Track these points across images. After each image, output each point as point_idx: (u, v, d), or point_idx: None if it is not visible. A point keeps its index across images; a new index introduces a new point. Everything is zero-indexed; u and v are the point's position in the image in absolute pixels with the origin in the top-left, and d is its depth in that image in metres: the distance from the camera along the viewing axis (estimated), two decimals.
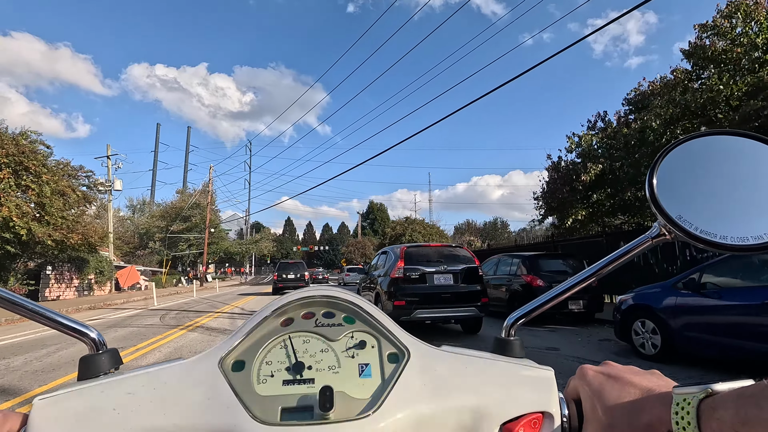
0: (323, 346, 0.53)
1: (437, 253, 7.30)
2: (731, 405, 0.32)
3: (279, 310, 0.55)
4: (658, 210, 0.48)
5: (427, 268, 6.96)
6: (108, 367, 0.52)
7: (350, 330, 0.55)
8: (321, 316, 0.56)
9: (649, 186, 0.50)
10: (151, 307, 14.41)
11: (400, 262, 6.98)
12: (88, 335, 0.55)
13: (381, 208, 77.36)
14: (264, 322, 0.54)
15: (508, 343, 0.58)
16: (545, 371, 0.53)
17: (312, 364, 0.52)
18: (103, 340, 0.55)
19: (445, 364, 0.53)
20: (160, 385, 0.47)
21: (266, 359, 0.52)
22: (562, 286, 0.59)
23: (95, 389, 0.46)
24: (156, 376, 0.48)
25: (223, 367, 0.50)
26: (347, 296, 0.57)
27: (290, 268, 21.41)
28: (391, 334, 0.55)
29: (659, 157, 0.52)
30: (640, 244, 0.53)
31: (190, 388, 0.47)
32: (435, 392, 0.50)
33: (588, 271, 0.57)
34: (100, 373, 0.51)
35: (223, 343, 0.53)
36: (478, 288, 6.97)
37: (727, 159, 0.50)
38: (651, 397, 0.40)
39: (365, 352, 0.53)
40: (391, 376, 0.51)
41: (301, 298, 0.56)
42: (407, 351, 0.53)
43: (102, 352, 0.53)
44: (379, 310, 0.58)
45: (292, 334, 0.54)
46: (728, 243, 0.45)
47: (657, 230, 0.51)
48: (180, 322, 9.80)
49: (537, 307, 0.60)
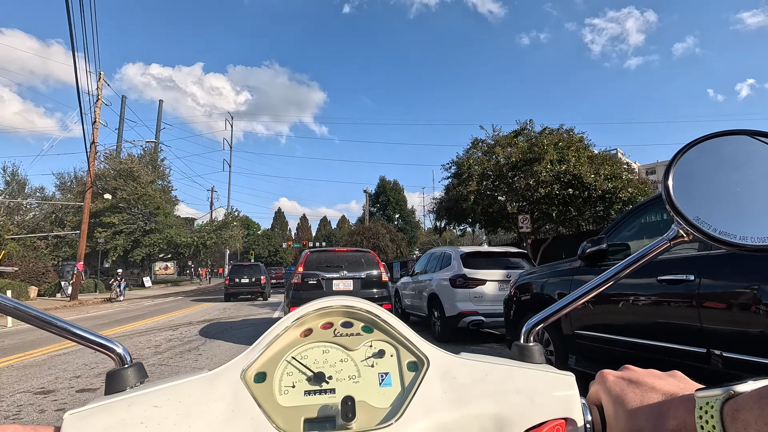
0: (343, 356, 0.54)
1: (339, 258, 7.32)
2: (755, 406, 0.31)
3: (298, 320, 0.56)
4: (675, 212, 0.48)
5: (326, 274, 6.97)
6: (134, 381, 0.52)
7: (369, 339, 0.56)
8: (339, 326, 0.57)
9: (665, 188, 0.50)
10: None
11: (300, 267, 7.07)
12: (113, 350, 0.54)
13: (395, 187, 52.60)
14: (284, 333, 0.55)
15: (528, 350, 0.58)
16: (566, 377, 0.53)
17: (332, 374, 0.52)
18: (129, 355, 0.55)
19: (465, 372, 0.53)
20: (185, 398, 0.48)
21: (287, 370, 0.52)
22: (579, 291, 0.58)
23: (122, 403, 0.47)
24: (180, 389, 0.49)
25: (245, 378, 0.50)
26: (365, 305, 0.58)
27: (244, 272, 18.88)
28: (409, 343, 0.56)
29: (674, 158, 0.51)
30: (658, 247, 0.53)
31: (214, 401, 0.48)
32: (456, 400, 0.50)
33: (605, 275, 0.57)
34: (127, 387, 0.51)
35: (244, 354, 0.53)
36: (382, 294, 7.12)
37: (743, 159, 0.49)
38: (675, 402, 0.40)
39: (384, 361, 0.54)
40: (411, 385, 0.51)
41: (320, 308, 0.57)
42: (426, 359, 0.54)
43: (127, 366, 0.53)
44: (397, 319, 0.58)
45: (311, 345, 0.54)
46: (748, 244, 0.44)
47: (674, 232, 0.51)
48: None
49: (555, 311, 0.59)
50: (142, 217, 30.35)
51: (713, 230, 0.46)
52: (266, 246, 64.81)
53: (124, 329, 9.54)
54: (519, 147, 14.39)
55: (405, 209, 52.96)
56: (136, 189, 29.56)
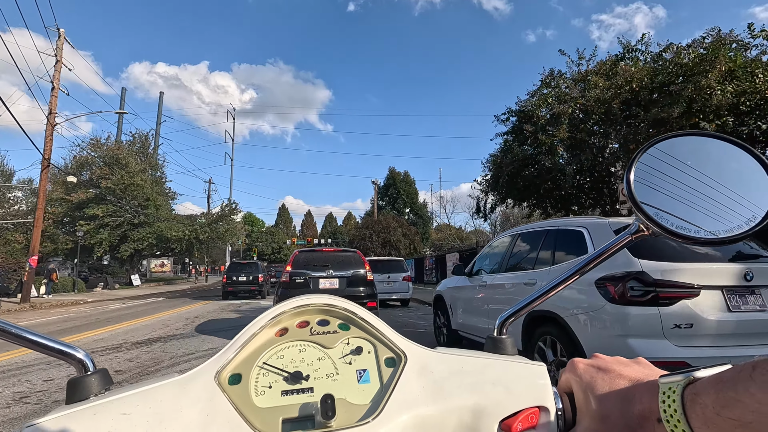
0: (320, 354, 0.54)
1: (326, 258, 7.48)
2: (711, 390, 0.33)
3: (273, 320, 0.55)
4: (636, 207, 0.51)
5: (313, 273, 7.13)
6: (98, 388, 0.50)
7: (346, 337, 0.56)
8: (316, 324, 0.57)
9: (627, 184, 0.52)
10: None
11: (288, 267, 7.25)
12: (74, 356, 0.52)
13: (406, 179, 48.11)
14: (258, 333, 0.54)
15: (501, 342, 0.60)
16: (538, 367, 0.54)
17: (310, 372, 0.52)
18: (92, 361, 0.53)
19: (442, 366, 0.54)
20: (155, 404, 0.46)
21: (263, 370, 0.51)
22: (548, 285, 0.61)
23: (87, 413, 0.44)
24: (151, 394, 0.47)
25: (219, 381, 0.49)
26: (341, 303, 0.58)
27: (242, 270, 18.30)
28: (386, 339, 0.56)
29: (636, 155, 0.54)
30: (621, 241, 0.55)
31: (188, 405, 0.46)
32: (434, 394, 0.50)
33: (572, 269, 0.59)
34: (90, 395, 0.49)
35: (217, 356, 0.52)
36: (367, 292, 7.16)
37: (699, 158, 0.52)
38: (640, 387, 0.41)
39: (362, 357, 0.54)
40: (389, 381, 0.52)
41: (295, 306, 0.57)
42: (404, 354, 0.54)
43: (91, 373, 0.51)
44: (373, 316, 0.58)
45: (287, 344, 0.54)
46: (702, 237, 0.48)
47: (636, 227, 0.53)
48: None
49: (526, 305, 0.61)
50: (131, 209, 26.43)
51: (670, 224, 0.49)
52: (270, 243, 61.70)
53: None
54: (641, 68, 9.44)
55: (416, 203, 48.58)
56: (123, 178, 25.63)
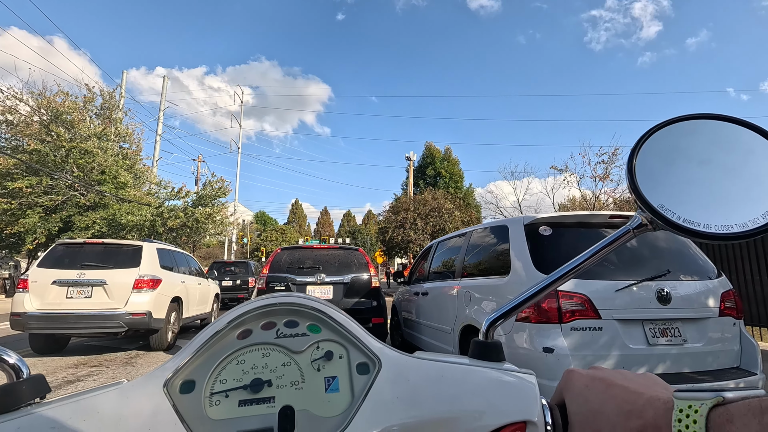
0: (285, 359, 0.50)
1: (316, 258, 5.64)
2: (753, 419, 0.29)
3: (235, 321, 0.51)
4: (639, 199, 0.46)
5: (297, 278, 5.38)
6: (31, 397, 0.45)
7: (316, 340, 0.52)
8: (283, 325, 0.52)
9: (629, 173, 0.48)
10: None
11: (264, 269, 5.58)
12: (5, 360, 0.47)
13: (447, 158, 36.52)
14: (217, 336, 0.50)
15: (487, 347, 0.55)
16: (527, 376, 0.50)
17: (272, 379, 0.48)
18: (26, 366, 0.48)
19: (419, 373, 0.50)
20: (91, 416, 0.42)
21: (220, 378, 0.47)
22: (540, 284, 0.57)
23: (9, 426, 0.40)
24: (87, 404, 0.43)
25: (168, 389, 0.45)
26: (311, 302, 0.54)
27: (227, 273, 14.97)
28: (360, 342, 0.52)
29: (639, 142, 0.49)
30: (621, 236, 0.51)
31: (129, 417, 0.42)
32: (409, 405, 0.47)
33: (567, 266, 0.55)
34: (21, 405, 0.44)
35: (169, 361, 0.48)
36: (371, 305, 5.31)
37: (709, 144, 0.47)
38: (642, 401, 0.37)
39: (332, 363, 0.50)
40: (361, 390, 0.48)
41: (260, 306, 0.53)
42: (378, 360, 0.50)
43: (23, 380, 0.46)
44: (347, 317, 0.55)
45: (249, 348, 0.50)
46: (712, 232, 0.43)
47: (638, 220, 0.49)
48: None
49: (516, 306, 0.57)
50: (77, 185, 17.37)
51: (677, 218, 0.44)
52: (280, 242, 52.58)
53: None
54: None
55: (461, 186, 35.43)
56: (62, 140, 16.42)
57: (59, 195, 17.21)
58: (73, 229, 17.47)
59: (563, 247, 2.93)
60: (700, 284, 2.78)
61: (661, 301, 2.60)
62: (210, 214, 20.06)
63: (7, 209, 15.90)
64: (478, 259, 3.74)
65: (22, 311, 5.45)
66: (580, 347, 2.50)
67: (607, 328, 2.53)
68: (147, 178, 21.86)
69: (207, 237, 23.00)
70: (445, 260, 4.63)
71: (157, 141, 26.02)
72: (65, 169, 17.20)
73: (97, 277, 5.74)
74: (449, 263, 4.42)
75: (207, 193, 20.72)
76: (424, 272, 5.14)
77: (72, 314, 5.50)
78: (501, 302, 3.05)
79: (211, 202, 20.67)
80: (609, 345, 2.51)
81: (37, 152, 16.37)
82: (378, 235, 24.66)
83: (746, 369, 2.64)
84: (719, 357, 2.63)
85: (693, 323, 2.65)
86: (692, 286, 2.77)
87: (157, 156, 26.13)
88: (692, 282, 2.79)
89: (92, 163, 17.82)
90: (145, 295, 5.84)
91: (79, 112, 17.98)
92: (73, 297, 5.63)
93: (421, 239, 20.45)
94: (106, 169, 18.39)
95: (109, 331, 5.65)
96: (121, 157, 19.78)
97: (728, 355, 2.66)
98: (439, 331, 4.07)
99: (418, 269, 5.53)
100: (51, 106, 17.22)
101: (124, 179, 19.06)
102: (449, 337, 3.75)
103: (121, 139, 20.51)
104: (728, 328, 2.72)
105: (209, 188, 20.98)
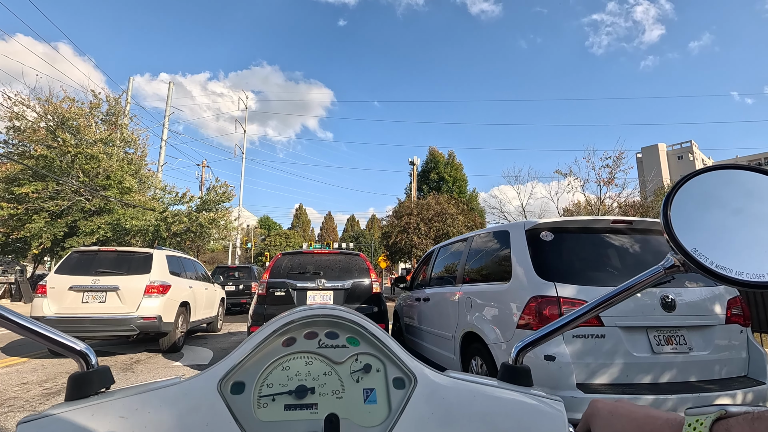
0: (327, 368, 0.52)
1: (317, 263, 5.63)
2: (747, 427, 0.32)
3: (280, 329, 0.53)
4: (674, 242, 0.48)
5: (298, 283, 5.38)
6: (99, 386, 0.48)
7: (355, 352, 0.54)
8: (324, 336, 0.54)
9: (664, 217, 0.49)
10: None
11: (265, 275, 5.58)
12: (77, 351, 0.50)
13: (451, 163, 36.45)
14: (265, 342, 0.52)
15: (517, 371, 0.57)
16: (555, 402, 0.52)
17: (315, 387, 0.50)
18: (95, 356, 0.51)
19: (452, 393, 0.51)
20: (155, 409, 0.44)
21: (267, 381, 0.49)
22: (573, 314, 0.58)
23: (85, 412, 0.43)
24: (151, 398, 0.45)
25: (222, 389, 0.47)
26: (350, 316, 0.56)
27: (229, 278, 14.66)
28: (396, 358, 0.53)
29: (675, 188, 0.51)
30: (654, 275, 0.53)
31: (188, 412, 0.44)
32: (444, 422, 0.48)
33: (599, 299, 0.56)
34: (90, 393, 0.47)
35: (222, 362, 0.50)
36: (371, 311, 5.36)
37: (743, 194, 0.49)
38: (660, 421, 0.41)
39: (370, 376, 0.52)
40: (398, 404, 0.50)
41: (303, 317, 0.54)
42: (414, 377, 0.52)
43: (92, 370, 0.49)
44: (383, 332, 0.56)
45: (294, 355, 0.52)
46: (744, 279, 0.44)
47: (671, 261, 0.50)
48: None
49: (547, 334, 0.58)
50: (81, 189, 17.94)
51: (710, 263, 0.45)
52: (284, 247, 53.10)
53: None
54: None
55: (465, 191, 35.59)
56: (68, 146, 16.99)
57: (65, 200, 17.71)
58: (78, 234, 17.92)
59: (565, 253, 2.89)
60: (706, 291, 2.72)
61: (666, 308, 2.55)
62: (214, 219, 20.36)
63: (13, 214, 16.42)
64: (480, 265, 3.70)
65: (40, 315, 5.75)
66: (582, 355, 2.45)
67: (611, 335, 2.48)
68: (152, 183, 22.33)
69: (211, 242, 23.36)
70: (446, 266, 4.60)
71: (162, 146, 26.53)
72: (71, 174, 17.78)
73: (111, 283, 6.06)
74: (450, 269, 4.39)
75: (211, 198, 21.10)
76: (425, 278, 5.15)
77: (87, 318, 5.83)
78: (502, 309, 3.00)
79: (215, 207, 20.97)
80: (612, 353, 2.46)
81: (44, 158, 16.95)
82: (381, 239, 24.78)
83: (754, 378, 2.57)
84: (726, 365, 2.57)
85: (699, 331, 2.60)
86: (697, 292, 2.71)
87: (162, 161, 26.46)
88: (697, 288, 2.74)
89: (97, 168, 18.38)
90: (155, 300, 6.16)
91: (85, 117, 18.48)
92: (89, 302, 5.97)
93: (425, 244, 20.27)
94: (111, 174, 18.89)
95: (122, 334, 5.95)
96: (126, 163, 20.38)
97: (735, 364, 2.60)
98: (440, 338, 4.03)
99: (419, 275, 5.55)
100: (57, 112, 17.73)
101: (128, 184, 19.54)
102: (450, 344, 3.70)
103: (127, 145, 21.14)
104: (735, 335, 2.66)
105: (213, 193, 21.38)
